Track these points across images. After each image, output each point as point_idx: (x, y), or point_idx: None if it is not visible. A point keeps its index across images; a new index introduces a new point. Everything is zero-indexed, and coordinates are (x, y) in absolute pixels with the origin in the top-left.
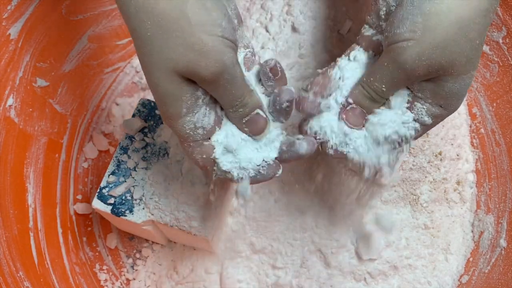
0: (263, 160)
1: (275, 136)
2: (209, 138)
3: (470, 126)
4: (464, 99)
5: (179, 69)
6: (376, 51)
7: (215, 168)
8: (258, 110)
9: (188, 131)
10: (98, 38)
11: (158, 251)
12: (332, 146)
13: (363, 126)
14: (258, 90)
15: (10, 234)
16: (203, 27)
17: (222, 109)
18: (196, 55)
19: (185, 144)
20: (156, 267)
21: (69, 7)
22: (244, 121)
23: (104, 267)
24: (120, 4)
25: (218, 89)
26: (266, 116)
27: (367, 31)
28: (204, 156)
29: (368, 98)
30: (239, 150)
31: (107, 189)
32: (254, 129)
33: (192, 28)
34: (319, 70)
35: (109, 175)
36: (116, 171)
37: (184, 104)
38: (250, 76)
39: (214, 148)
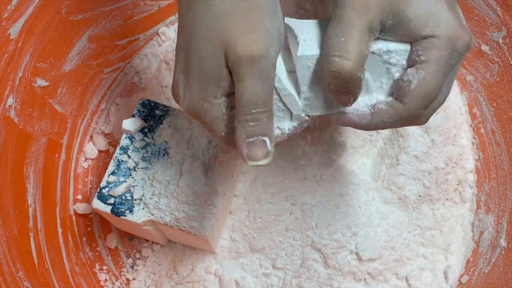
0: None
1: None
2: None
3: (470, 126)
4: (465, 99)
5: (230, 44)
6: None
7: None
8: (266, 138)
9: (216, 113)
10: (98, 38)
11: (158, 251)
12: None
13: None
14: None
15: (10, 234)
16: (268, 14)
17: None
18: (250, 28)
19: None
20: (156, 267)
21: (69, 7)
22: (247, 140)
23: (104, 267)
24: None
25: (244, 80)
26: (270, 150)
27: None
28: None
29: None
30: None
31: (107, 189)
32: (252, 155)
33: (258, 11)
34: None
35: (109, 175)
36: (116, 171)
37: (218, 87)
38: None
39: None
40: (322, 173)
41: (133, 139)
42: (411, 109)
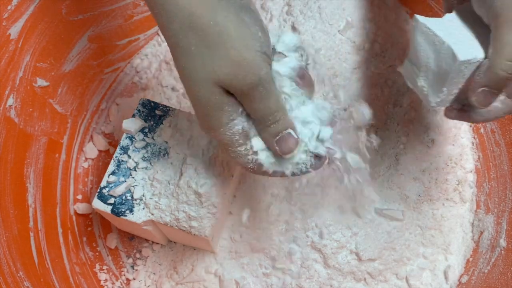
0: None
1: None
2: (248, 142)
3: (470, 126)
4: None
5: (220, 80)
6: None
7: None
8: (290, 130)
9: (229, 138)
10: (98, 38)
11: (158, 251)
12: None
13: None
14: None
15: (10, 234)
16: (243, 41)
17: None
18: (235, 68)
19: (228, 149)
20: (156, 267)
21: (69, 7)
22: (275, 139)
23: (104, 267)
24: (163, 22)
25: (253, 102)
26: (298, 137)
27: None
28: (248, 158)
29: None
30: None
31: (107, 189)
32: (284, 148)
33: (232, 42)
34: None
35: (109, 175)
36: (116, 171)
37: (225, 114)
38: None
39: (256, 151)
40: (322, 173)
41: (133, 139)
42: None
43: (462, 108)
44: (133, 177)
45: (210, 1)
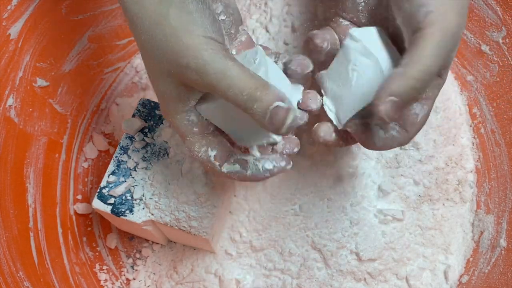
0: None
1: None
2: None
3: (470, 126)
4: (465, 99)
5: (169, 71)
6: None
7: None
8: (278, 102)
9: (185, 126)
10: (98, 38)
11: (158, 251)
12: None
13: None
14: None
15: (10, 234)
16: (183, 28)
17: None
18: (177, 55)
19: (186, 139)
20: (156, 267)
21: (69, 7)
22: (266, 119)
23: (104, 267)
24: (130, 26)
25: (216, 88)
26: (287, 105)
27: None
28: (203, 150)
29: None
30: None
31: (107, 189)
32: (276, 124)
33: (173, 30)
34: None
35: (109, 175)
36: (116, 171)
37: (181, 102)
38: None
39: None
40: (322, 173)
41: (133, 139)
42: (411, 136)
43: (363, 124)
44: (133, 177)
45: None
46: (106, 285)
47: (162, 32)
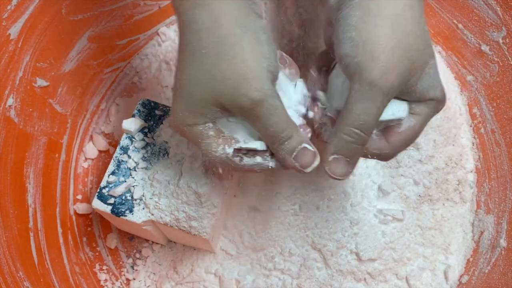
0: None
1: None
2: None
3: (470, 126)
4: (465, 99)
5: (219, 91)
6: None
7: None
8: (305, 144)
9: (201, 132)
10: (98, 38)
11: (158, 251)
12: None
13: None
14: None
15: (10, 234)
16: (253, 57)
17: None
18: (238, 80)
19: (200, 143)
20: (156, 267)
21: (69, 7)
22: (292, 156)
23: (104, 267)
24: (184, 20)
25: (260, 120)
26: (314, 149)
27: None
28: (220, 149)
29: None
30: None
31: (107, 189)
32: (304, 163)
33: (243, 55)
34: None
35: (109, 175)
36: (116, 171)
37: (201, 117)
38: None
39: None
40: (322, 173)
41: (133, 139)
42: (393, 149)
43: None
44: (133, 177)
45: (235, 14)
46: (106, 285)
47: (232, 52)
